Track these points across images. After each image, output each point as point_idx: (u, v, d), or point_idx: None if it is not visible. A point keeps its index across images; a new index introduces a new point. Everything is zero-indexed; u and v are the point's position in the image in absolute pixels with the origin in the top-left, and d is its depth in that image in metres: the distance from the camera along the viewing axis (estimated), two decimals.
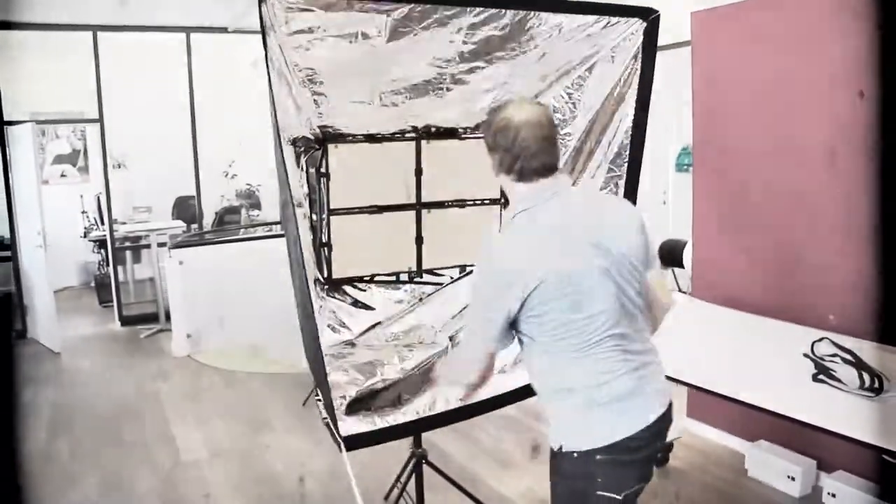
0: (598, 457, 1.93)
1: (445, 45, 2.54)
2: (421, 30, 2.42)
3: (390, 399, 2.98)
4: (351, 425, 2.71)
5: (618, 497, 1.95)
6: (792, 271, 3.75)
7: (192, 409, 5.13)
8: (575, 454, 1.95)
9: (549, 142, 1.92)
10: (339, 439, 2.56)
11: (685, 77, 4.21)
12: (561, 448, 1.98)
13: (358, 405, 2.89)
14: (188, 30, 7.12)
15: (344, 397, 2.82)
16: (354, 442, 2.60)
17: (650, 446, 2.01)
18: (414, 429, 3.01)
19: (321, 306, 3.02)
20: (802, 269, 3.71)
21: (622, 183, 2.97)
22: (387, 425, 2.83)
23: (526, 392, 3.07)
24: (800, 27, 3.59)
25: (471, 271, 3.26)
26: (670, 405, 2.05)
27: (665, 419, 2.03)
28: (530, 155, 1.90)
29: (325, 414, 2.62)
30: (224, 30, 7.17)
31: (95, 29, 6.84)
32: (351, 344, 3.13)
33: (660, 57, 5.98)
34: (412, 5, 2.33)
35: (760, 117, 3.81)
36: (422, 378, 3.07)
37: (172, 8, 6.72)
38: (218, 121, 7.53)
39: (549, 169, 1.93)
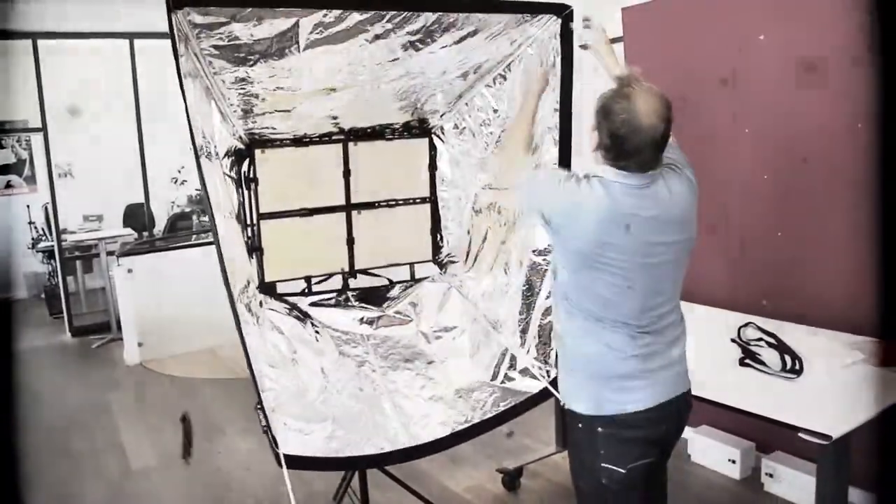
0: (599, 429, 2.06)
1: (361, 51, 2.54)
2: (334, 37, 2.42)
3: (333, 428, 2.83)
4: (292, 446, 2.59)
5: (621, 470, 2.05)
6: (726, 259, 3.84)
7: (143, 417, 5.09)
8: (580, 424, 2.10)
9: (654, 147, 1.96)
10: (278, 454, 2.47)
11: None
12: (565, 405, 2.16)
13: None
14: (131, 35, 7.01)
15: (285, 424, 2.69)
16: (294, 462, 2.51)
17: (655, 427, 2.10)
18: (357, 464, 2.90)
19: (259, 317, 2.98)
20: (735, 256, 3.80)
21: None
22: (329, 455, 2.71)
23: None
24: (730, 18, 3.67)
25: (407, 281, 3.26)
26: (686, 393, 2.17)
27: (673, 405, 2.11)
28: (630, 155, 1.95)
29: (265, 422, 2.59)
30: (168, 34, 7.07)
31: (35, 36, 6.69)
32: (293, 361, 3.10)
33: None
34: (323, 13, 2.32)
35: (691, 109, 3.88)
36: (367, 411, 2.96)
37: (114, 13, 6.65)
38: (165, 126, 7.44)
39: (642, 167, 1.98)
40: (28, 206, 8.49)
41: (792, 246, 3.52)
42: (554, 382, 2.89)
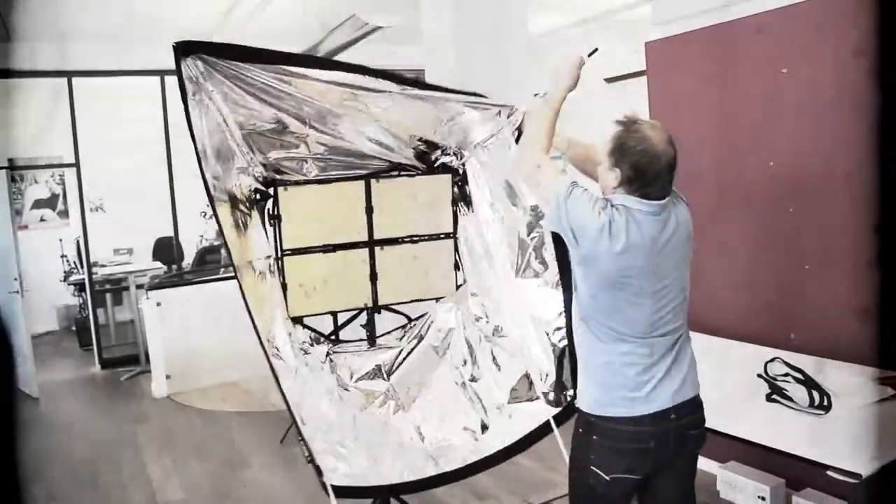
0: (594, 436, 2.21)
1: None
2: (345, 102, 2.52)
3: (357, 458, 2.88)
4: (336, 476, 2.64)
5: (605, 477, 2.18)
6: (752, 292, 3.81)
7: (170, 450, 5.12)
8: (583, 423, 2.25)
9: (669, 170, 2.12)
10: (326, 486, 2.50)
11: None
12: (576, 402, 2.33)
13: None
14: (162, 73, 7.18)
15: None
16: (339, 492, 2.53)
17: (641, 440, 2.18)
18: (405, 489, 2.89)
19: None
20: (761, 290, 3.76)
21: None
22: (375, 483, 2.76)
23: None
24: (751, 52, 3.68)
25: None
26: (688, 404, 2.23)
27: (663, 419, 2.18)
28: (652, 181, 2.10)
29: (307, 453, 2.58)
30: None
31: (70, 75, 6.90)
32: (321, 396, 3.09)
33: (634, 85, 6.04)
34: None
35: (713, 142, 3.89)
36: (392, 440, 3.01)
37: (146, 52, 6.80)
38: (194, 161, 7.54)
39: (662, 190, 2.13)
40: (60, 240, 8.68)
41: (818, 278, 3.48)
42: (557, 416, 2.95)
